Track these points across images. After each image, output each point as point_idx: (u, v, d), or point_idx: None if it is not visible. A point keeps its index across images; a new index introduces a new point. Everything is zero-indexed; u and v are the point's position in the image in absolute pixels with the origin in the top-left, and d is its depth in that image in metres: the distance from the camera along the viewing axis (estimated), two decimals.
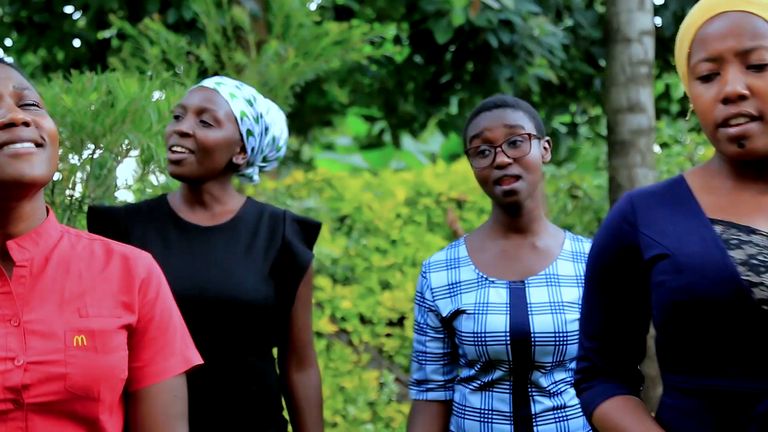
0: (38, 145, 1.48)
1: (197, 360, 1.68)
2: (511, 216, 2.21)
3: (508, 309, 2.13)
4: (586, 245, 2.22)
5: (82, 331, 1.49)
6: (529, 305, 2.12)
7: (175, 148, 2.21)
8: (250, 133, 2.29)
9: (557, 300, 2.13)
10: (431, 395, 2.25)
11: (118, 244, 1.65)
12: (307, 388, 2.38)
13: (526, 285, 2.16)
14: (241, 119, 2.28)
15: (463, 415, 2.19)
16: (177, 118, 2.26)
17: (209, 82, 2.30)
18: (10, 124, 1.46)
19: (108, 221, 2.23)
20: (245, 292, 2.17)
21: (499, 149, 2.14)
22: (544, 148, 2.23)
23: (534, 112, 2.24)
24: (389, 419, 5.23)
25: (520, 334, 2.10)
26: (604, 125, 7.88)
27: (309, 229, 2.35)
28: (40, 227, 1.55)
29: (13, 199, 1.49)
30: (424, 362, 2.25)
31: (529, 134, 2.15)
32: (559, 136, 7.37)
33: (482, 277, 2.19)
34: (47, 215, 1.58)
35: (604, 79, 6.70)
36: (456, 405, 2.23)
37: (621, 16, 5.40)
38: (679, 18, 7.31)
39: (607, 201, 5.84)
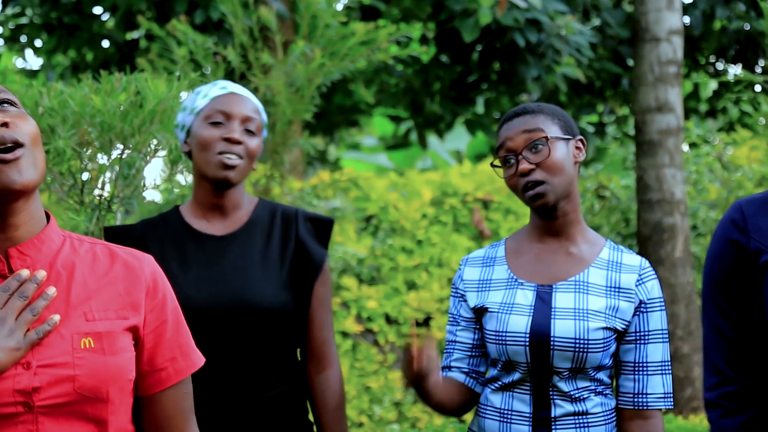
0: (18, 145, 1.47)
1: (203, 358, 1.71)
2: (546, 219, 2.20)
3: (532, 311, 2.13)
4: (626, 256, 2.20)
5: (89, 334, 1.51)
6: (553, 309, 2.12)
7: (229, 156, 2.23)
8: (263, 142, 2.35)
9: (583, 307, 2.12)
10: (450, 373, 2.25)
11: (120, 247, 1.65)
12: (327, 389, 2.37)
13: (554, 290, 2.15)
14: (264, 129, 2.35)
15: (484, 415, 2.20)
16: (216, 124, 2.27)
17: (242, 91, 2.34)
18: None
19: (125, 241, 2.25)
20: (265, 301, 2.19)
21: (520, 157, 2.14)
22: (576, 147, 2.21)
23: (560, 114, 2.22)
24: (415, 419, 5.23)
25: (539, 336, 2.10)
26: (631, 125, 7.82)
27: (322, 227, 2.36)
28: (42, 233, 1.56)
29: (6, 204, 1.49)
30: (451, 350, 2.27)
31: (547, 137, 2.14)
32: (587, 135, 7.33)
33: (512, 278, 2.20)
34: (48, 221, 1.59)
35: (632, 78, 6.65)
36: (479, 405, 2.24)
37: (649, 15, 5.36)
38: (708, 17, 7.24)
39: (635, 201, 5.80)
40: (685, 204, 5.39)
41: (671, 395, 2.16)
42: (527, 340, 2.10)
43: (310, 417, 2.40)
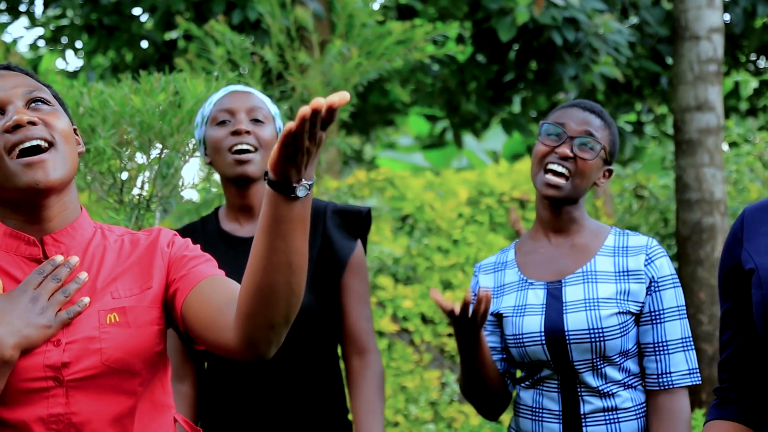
0: (49, 144, 1.54)
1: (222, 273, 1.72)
2: (551, 210, 2.21)
3: (544, 309, 2.14)
4: (632, 239, 2.21)
5: (115, 309, 1.57)
6: (564, 304, 2.14)
7: (238, 148, 2.22)
8: (279, 132, 2.33)
9: (592, 296, 2.13)
10: None
11: (143, 231, 1.72)
12: (365, 370, 2.31)
13: (563, 284, 2.17)
14: (275, 118, 2.32)
15: (518, 413, 2.22)
16: (223, 123, 2.27)
17: (243, 88, 2.34)
18: (17, 126, 1.52)
19: None
20: None
21: (569, 140, 2.15)
22: (604, 174, 2.24)
23: (616, 139, 2.26)
24: (451, 419, 5.22)
25: (554, 333, 2.11)
26: (670, 124, 7.74)
27: (354, 218, 2.33)
28: (75, 222, 1.63)
29: (38, 200, 1.57)
30: None
31: (603, 147, 2.16)
32: (625, 135, 7.26)
33: (523, 279, 2.22)
34: (81, 212, 1.66)
35: (671, 77, 6.58)
36: (515, 404, 2.25)
37: (689, 13, 5.29)
38: (749, 14, 7.13)
39: (674, 201, 5.73)
40: (725, 204, 5.32)
41: (697, 370, 2.15)
42: (543, 338, 2.11)
43: (350, 416, 2.39)
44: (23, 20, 6.98)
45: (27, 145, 1.52)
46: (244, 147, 2.22)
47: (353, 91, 4.52)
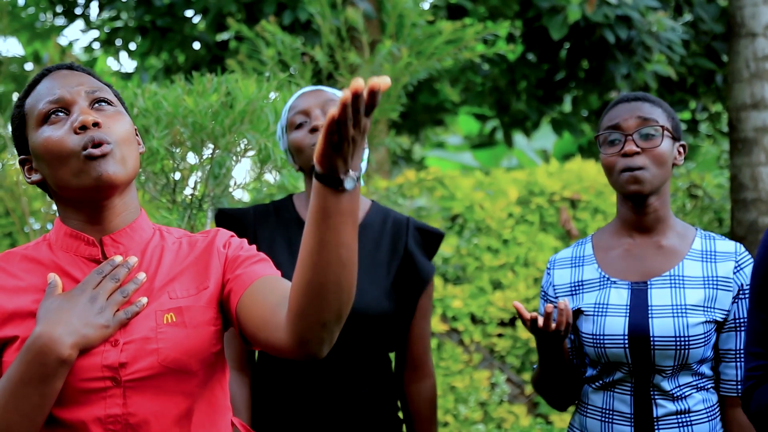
0: (109, 144, 1.56)
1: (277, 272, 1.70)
2: (636, 211, 2.17)
3: (628, 311, 2.09)
4: (720, 243, 2.15)
5: (172, 310, 1.57)
6: (649, 308, 2.08)
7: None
8: None
9: (680, 303, 2.07)
10: None
11: (200, 234, 1.72)
12: (422, 400, 2.38)
13: (649, 286, 2.11)
14: None
15: (585, 413, 2.18)
16: (300, 126, 2.26)
17: (308, 88, 2.34)
18: (83, 127, 1.55)
19: (237, 225, 2.28)
20: (368, 305, 2.18)
21: (629, 138, 2.11)
22: (678, 151, 2.19)
23: (673, 113, 2.21)
24: (500, 420, 5.19)
25: (638, 337, 2.05)
26: (725, 122, 7.61)
27: (431, 239, 2.35)
28: (134, 223, 1.64)
29: (101, 199, 1.58)
30: None
31: (663, 127, 2.12)
32: None
33: (604, 277, 2.16)
34: (140, 213, 1.68)
35: (726, 74, 6.47)
36: (580, 403, 2.22)
37: (745, 10, 5.20)
38: None
39: (728, 201, 5.64)
40: None
41: None
42: (626, 341, 2.06)
43: (399, 414, 2.40)
44: (79, 23, 7.10)
45: (92, 149, 1.55)
46: None
47: (403, 90, 4.52)
